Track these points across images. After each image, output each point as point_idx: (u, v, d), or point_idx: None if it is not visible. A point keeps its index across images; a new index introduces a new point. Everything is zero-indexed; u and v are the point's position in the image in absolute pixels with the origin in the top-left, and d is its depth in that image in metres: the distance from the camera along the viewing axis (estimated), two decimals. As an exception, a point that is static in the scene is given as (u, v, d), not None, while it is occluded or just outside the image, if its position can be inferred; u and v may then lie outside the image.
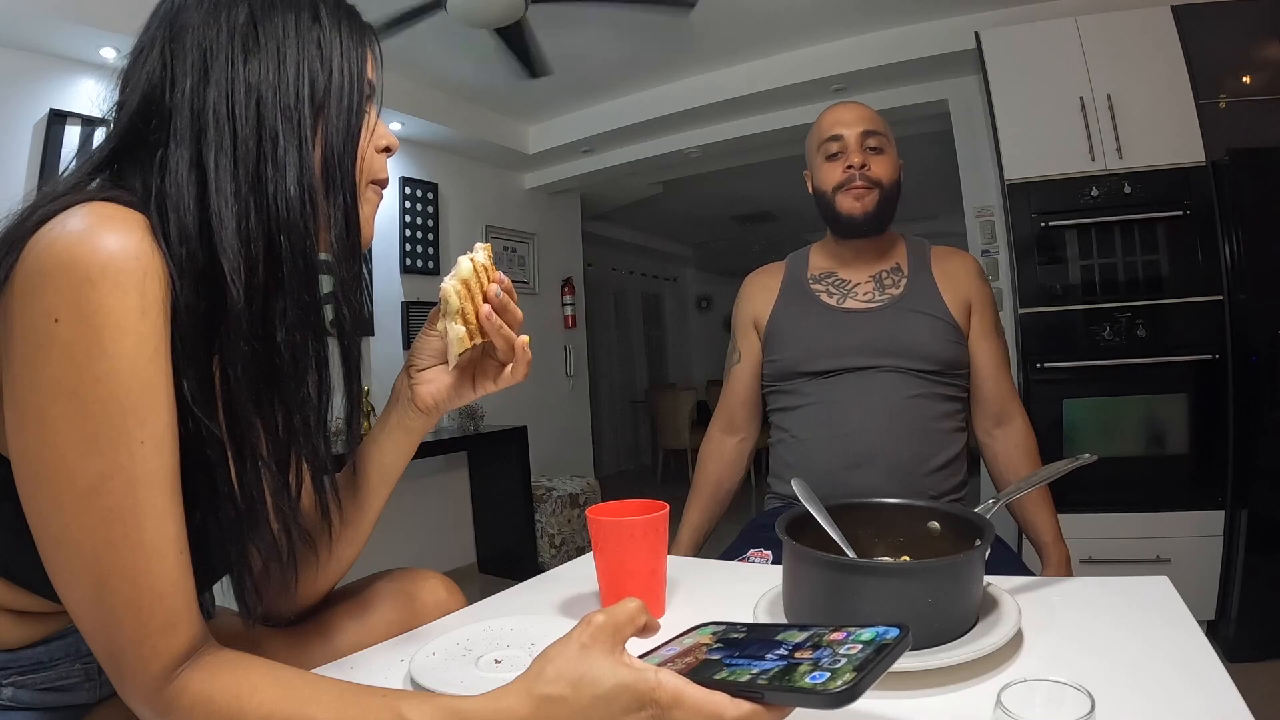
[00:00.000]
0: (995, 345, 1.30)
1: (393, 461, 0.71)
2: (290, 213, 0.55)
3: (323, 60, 0.58)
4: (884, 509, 0.79)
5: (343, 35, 0.60)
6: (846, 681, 0.38)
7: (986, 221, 2.93)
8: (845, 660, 0.41)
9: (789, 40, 3.04)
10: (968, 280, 1.31)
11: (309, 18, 0.58)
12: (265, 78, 0.55)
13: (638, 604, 0.48)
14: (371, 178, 0.64)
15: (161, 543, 0.49)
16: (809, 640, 0.45)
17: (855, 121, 1.29)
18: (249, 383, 0.54)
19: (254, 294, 0.53)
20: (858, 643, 0.43)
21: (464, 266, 0.64)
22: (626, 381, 7.03)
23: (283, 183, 0.55)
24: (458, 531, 3.75)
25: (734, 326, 1.44)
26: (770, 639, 0.46)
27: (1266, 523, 2.05)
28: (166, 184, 0.53)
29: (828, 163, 1.30)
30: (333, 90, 0.58)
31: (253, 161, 0.54)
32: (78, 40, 2.24)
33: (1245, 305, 2.11)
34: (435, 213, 3.69)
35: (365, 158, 0.63)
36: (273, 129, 0.55)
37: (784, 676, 0.41)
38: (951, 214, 3.08)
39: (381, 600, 0.76)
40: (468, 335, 0.64)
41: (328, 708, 0.48)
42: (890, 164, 1.29)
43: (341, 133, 0.59)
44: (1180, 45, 2.24)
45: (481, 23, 2.34)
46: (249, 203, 0.54)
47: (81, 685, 0.63)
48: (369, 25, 0.64)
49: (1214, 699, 0.50)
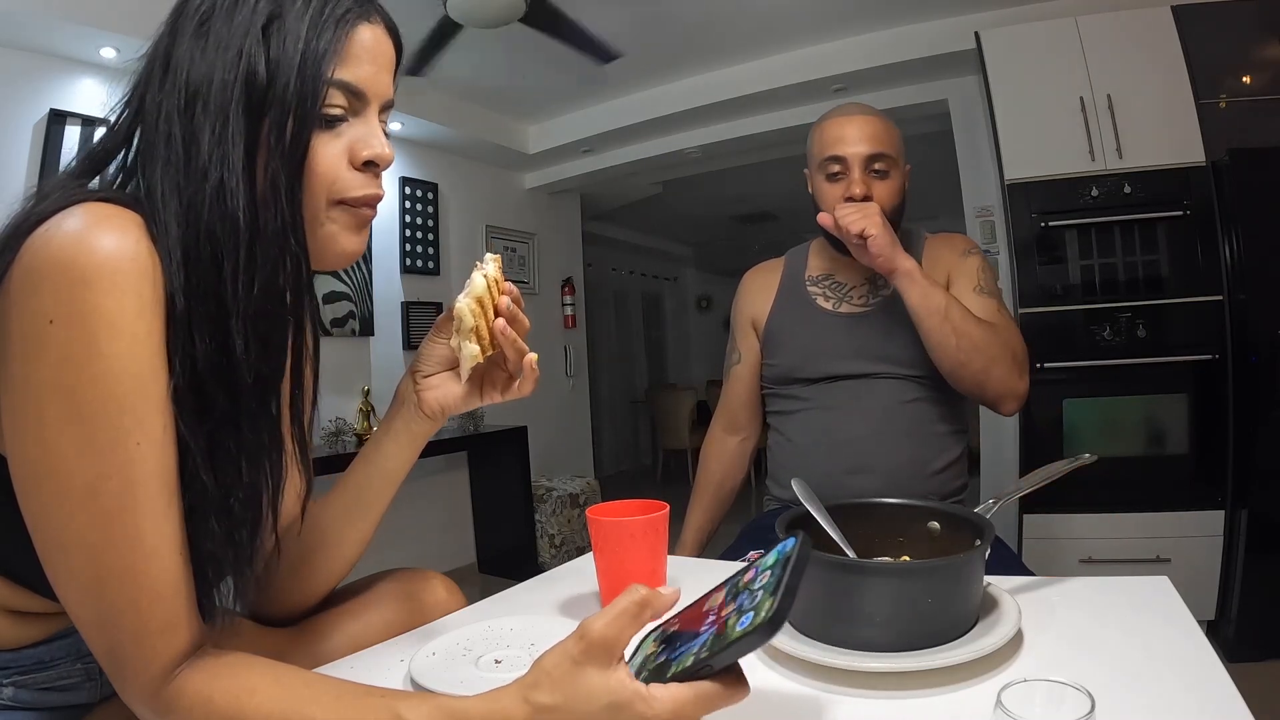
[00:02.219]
0: (978, 301, 1.19)
1: (396, 466, 0.71)
2: (216, 227, 0.51)
3: (269, 59, 0.52)
4: (884, 509, 0.79)
5: (306, 28, 0.53)
6: (769, 609, 0.40)
7: (986, 221, 2.93)
8: (761, 592, 0.42)
9: (789, 40, 3.04)
10: (950, 259, 1.26)
11: (267, 11, 0.53)
12: (203, 80, 0.52)
13: (638, 599, 0.45)
14: (338, 196, 0.57)
15: (160, 543, 0.49)
16: (729, 594, 0.46)
17: (859, 141, 1.19)
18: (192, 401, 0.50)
19: (197, 303, 0.50)
20: (765, 571, 0.44)
21: (478, 284, 0.62)
22: (626, 381, 7.02)
23: (202, 193, 0.51)
24: (458, 531, 3.75)
25: (733, 326, 1.43)
26: (700, 612, 0.47)
27: (1266, 523, 2.05)
28: (141, 186, 0.53)
29: (828, 183, 1.22)
30: (274, 93, 0.52)
31: (183, 168, 0.51)
32: (78, 40, 2.24)
33: (1245, 305, 2.11)
34: (435, 213, 3.69)
35: (327, 174, 0.56)
36: (199, 135, 0.51)
37: (719, 639, 0.42)
38: (951, 214, 3.08)
39: (382, 600, 0.76)
40: (481, 351, 0.64)
41: (326, 708, 0.48)
42: (894, 187, 1.21)
43: (280, 142, 0.52)
44: (1180, 45, 2.24)
45: (482, 23, 2.34)
46: (185, 212, 0.51)
47: (82, 685, 0.63)
48: (370, 14, 0.57)
49: (1214, 699, 0.50)
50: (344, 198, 0.57)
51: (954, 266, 1.26)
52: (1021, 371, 1.15)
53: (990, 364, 1.11)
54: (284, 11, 0.53)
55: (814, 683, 0.58)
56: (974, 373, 1.12)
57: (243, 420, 0.54)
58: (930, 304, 1.10)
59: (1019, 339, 1.18)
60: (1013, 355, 1.14)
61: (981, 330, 1.12)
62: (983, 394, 1.15)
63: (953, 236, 1.33)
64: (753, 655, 0.64)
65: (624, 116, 3.58)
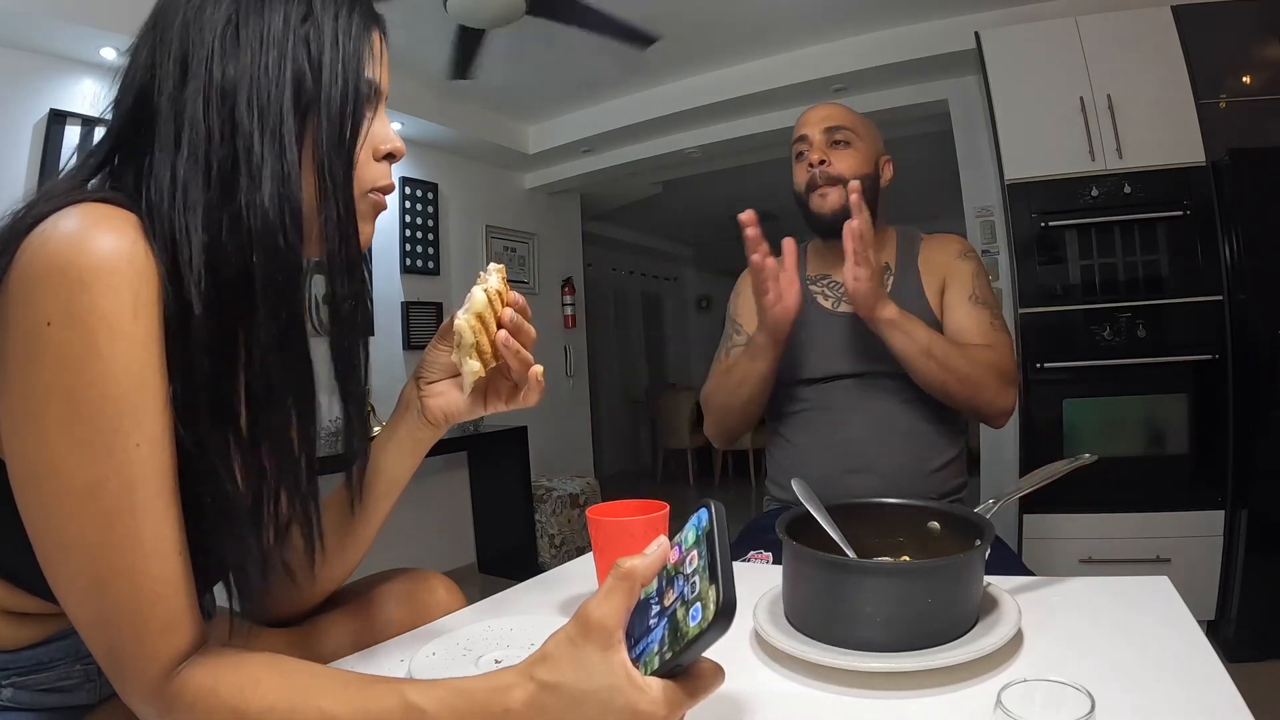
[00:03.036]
0: (973, 312, 1.22)
1: (399, 471, 0.71)
2: (265, 226, 0.51)
3: (310, 60, 0.54)
4: (884, 509, 0.79)
5: (339, 31, 0.56)
6: (715, 599, 0.40)
7: (986, 221, 2.93)
8: (698, 579, 0.42)
9: (789, 40, 3.04)
10: (945, 260, 1.27)
11: (299, 13, 0.55)
12: (241, 81, 0.52)
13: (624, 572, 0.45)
14: (369, 186, 0.61)
15: (160, 544, 0.49)
16: (663, 580, 0.46)
17: (819, 120, 1.27)
18: (209, 403, 0.51)
19: (220, 310, 0.50)
20: (690, 550, 0.44)
21: (478, 299, 0.62)
22: (626, 381, 7.02)
23: (257, 194, 0.51)
24: (458, 531, 3.75)
25: (736, 311, 1.41)
26: (643, 602, 0.46)
27: (1266, 523, 2.05)
28: (150, 189, 0.51)
29: (796, 164, 1.30)
30: (322, 92, 0.54)
31: (226, 171, 0.51)
32: (78, 40, 2.24)
33: (1245, 305, 2.11)
34: (435, 213, 3.69)
35: (363, 167, 0.59)
36: (247, 135, 0.52)
37: (675, 635, 0.42)
38: (951, 214, 3.08)
39: (382, 600, 0.76)
40: (483, 365, 0.63)
41: (333, 695, 0.48)
42: (859, 157, 1.25)
43: (332, 138, 0.55)
44: (1180, 45, 2.24)
45: (482, 23, 2.34)
46: (220, 216, 0.51)
47: (82, 686, 0.63)
48: (377, 16, 0.60)
49: (1214, 699, 0.50)
50: (373, 187, 0.61)
51: (950, 270, 1.26)
52: (1008, 389, 1.18)
53: (977, 391, 1.15)
54: (314, 13, 0.55)
55: (814, 683, 0.58)
56: (963, 400, 1.17)
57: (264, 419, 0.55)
58: (914, 347, 1.13)
59: (1008, 353, 1.20)
60: (999, 376, 1.16)
61: (966, 361, 1.14)
62: (973, 414, 1.20)
63: (948, 238, 1.33)
64: (752, 655, 0.64)
65: (624, 116, 3.58)
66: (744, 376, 1.22)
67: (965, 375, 1.13)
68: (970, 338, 1.20)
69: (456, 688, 0.47)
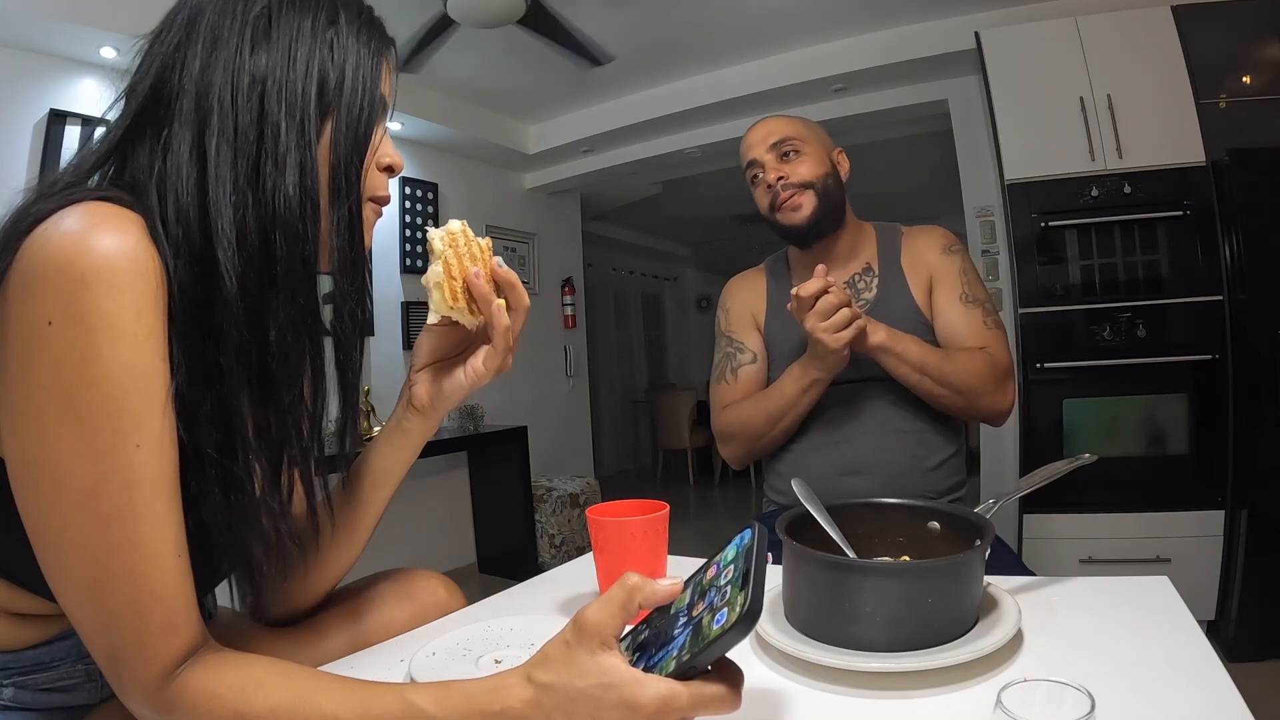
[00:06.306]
0: (965, 313, 1.21)
1: (388, 465, 0.71)
2: (288, 213, 0.54)
3: (334, 64, 0.57)
4: (884, 509, 0.79)
5: (360, 44, 0.59)
6: (743, 603, 0.40)
7: (986, 221, 2.93)
8: (729, 588, 0.43)
9: (789, 40, 3.04)
10: (930, 256, 1.26)
11: (326, 20, 0.57)
12: (272, 70, 0.54)
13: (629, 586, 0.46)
14: (370, 194, 0.63)
15: (160, 544, 0.49)
16: (695, 594, 0.47)
17: (762, 140, 1.26)
18: (241, 374, 0.53)
19: (248, 286, 0.52)
20: (728, 565, 0.45)
21: (453, 224, 0.64)
22: (626, 381, 7.02)
23: (281, 181, 0.53)
24: (458, 531, 3.75)
25: (729, 327, 1.38)
26: (669, 615, 0.47)
27: (1266, 523, 2.05)
28: (168, 164, 0.52)
29: (755, 189, 1.29)
30: (344, 96, 0.57)
31: (252, 153, 0.53)
32: (78, 40, 2.24)
33: (1245, 305, 2.11)
34: (435, 213, 3.69)
35: (368, 172, 0.61)
36: (275, 124, 0.54)
37: (697, 639, 0.42)
38: (951, 214, 3.08)
39: (381, 600, 0.76)
40: (467, 313, 0.64)
41: (334, 696, 0.49)
42: (812, 161, 1.24)
43: (349, 141, 0.58)
44: (1180, 45, 2.24)
45: (482, 23, 2.34)
46: (247, 195, 0.53)
47: (83, 686, 0.63)
48: (391, 39, 0.63)
49: (1214, 699, 0.50)
50: (374, 195, 0.63)
51: (936, 267, 1.25)
52: (1006, 388, 1.18)
53: (974, 399, 1.16)
54: (340, 25, 0.58)
55: (814, 683, 0.58)
56: (961, 409, 1.18)
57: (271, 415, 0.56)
58: (906, 367, 1.14)
59: (1004, 349, 1.20)
60: (995, 378, 1.17)
61: (960, 372, 1.14)
62: (973, 419, 1.22)
63: (930, 230, 1.31)
64: (752, 655, 0.64)
65: (624, 116, 3.58)
66: (789, 407, 1.19)
67: (961, 386, 1.14)
68: (964, 340, 1.19)
69: (457, 689, 0.48)
